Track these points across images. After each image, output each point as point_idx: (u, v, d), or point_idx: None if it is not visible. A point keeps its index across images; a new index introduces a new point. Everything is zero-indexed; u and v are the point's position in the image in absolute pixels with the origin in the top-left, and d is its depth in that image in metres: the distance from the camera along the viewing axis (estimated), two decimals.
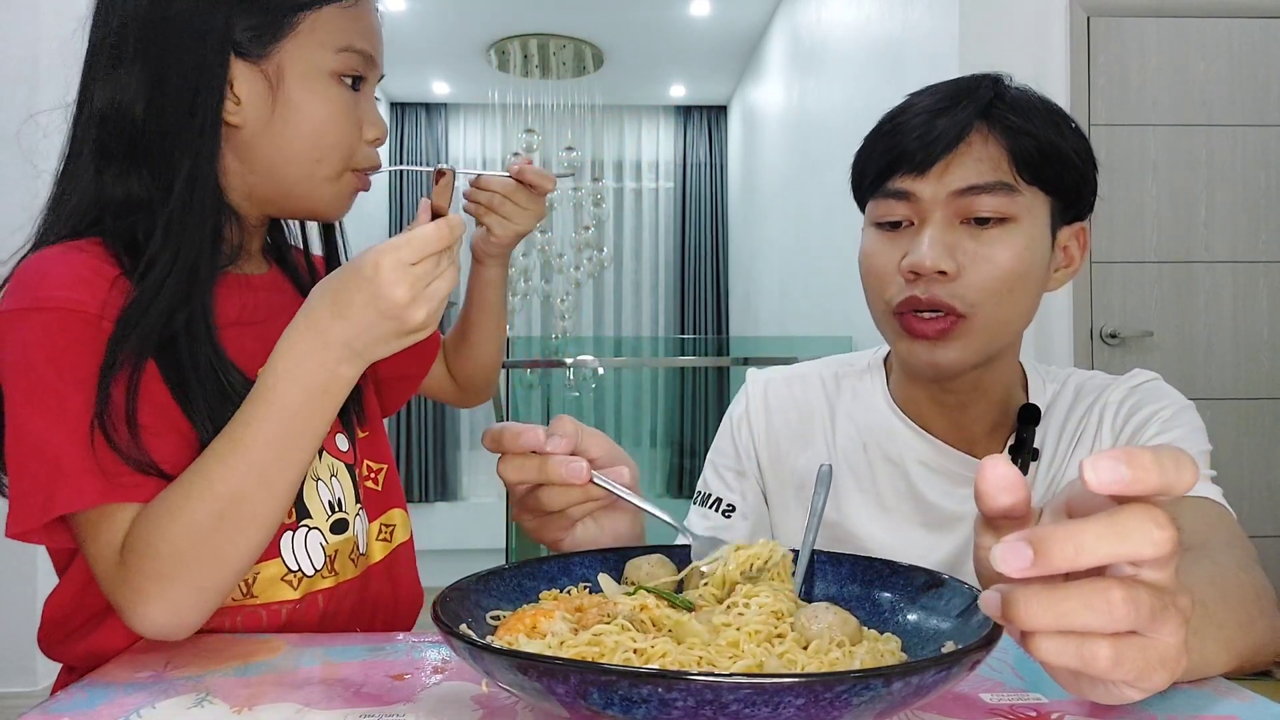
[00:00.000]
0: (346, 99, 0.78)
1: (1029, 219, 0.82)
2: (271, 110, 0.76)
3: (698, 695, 0.39)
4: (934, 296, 0.81)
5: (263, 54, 0.75)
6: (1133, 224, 2.70)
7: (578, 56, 5.46)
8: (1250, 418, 2.70)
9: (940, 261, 0.80)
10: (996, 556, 0.38)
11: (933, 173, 0.81)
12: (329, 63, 0.77)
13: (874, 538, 0.93)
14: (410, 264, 0.62)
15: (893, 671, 0.40)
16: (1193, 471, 0.38)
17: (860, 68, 3.49)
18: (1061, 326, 2.64)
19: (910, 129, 0.82)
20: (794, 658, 0.50)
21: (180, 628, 0.65)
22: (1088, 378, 0.96)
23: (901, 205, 0.83)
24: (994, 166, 0.80)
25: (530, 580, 0.62)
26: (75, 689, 0.60)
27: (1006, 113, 0.81)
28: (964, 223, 0.81)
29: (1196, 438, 0.86)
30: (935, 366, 0.83)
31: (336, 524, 0.83)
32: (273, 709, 0.55)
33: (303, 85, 0.76)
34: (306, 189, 0.79)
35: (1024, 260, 0.81)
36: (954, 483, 0.92)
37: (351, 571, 0.84)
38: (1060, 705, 0.55)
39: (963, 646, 0.45)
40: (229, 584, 0.66)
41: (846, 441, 0.97)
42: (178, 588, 0.63)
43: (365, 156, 0.81)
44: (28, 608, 2.65)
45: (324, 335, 0.64)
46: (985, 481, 0.44)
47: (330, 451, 0.85)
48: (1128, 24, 2.69)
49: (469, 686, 0.59)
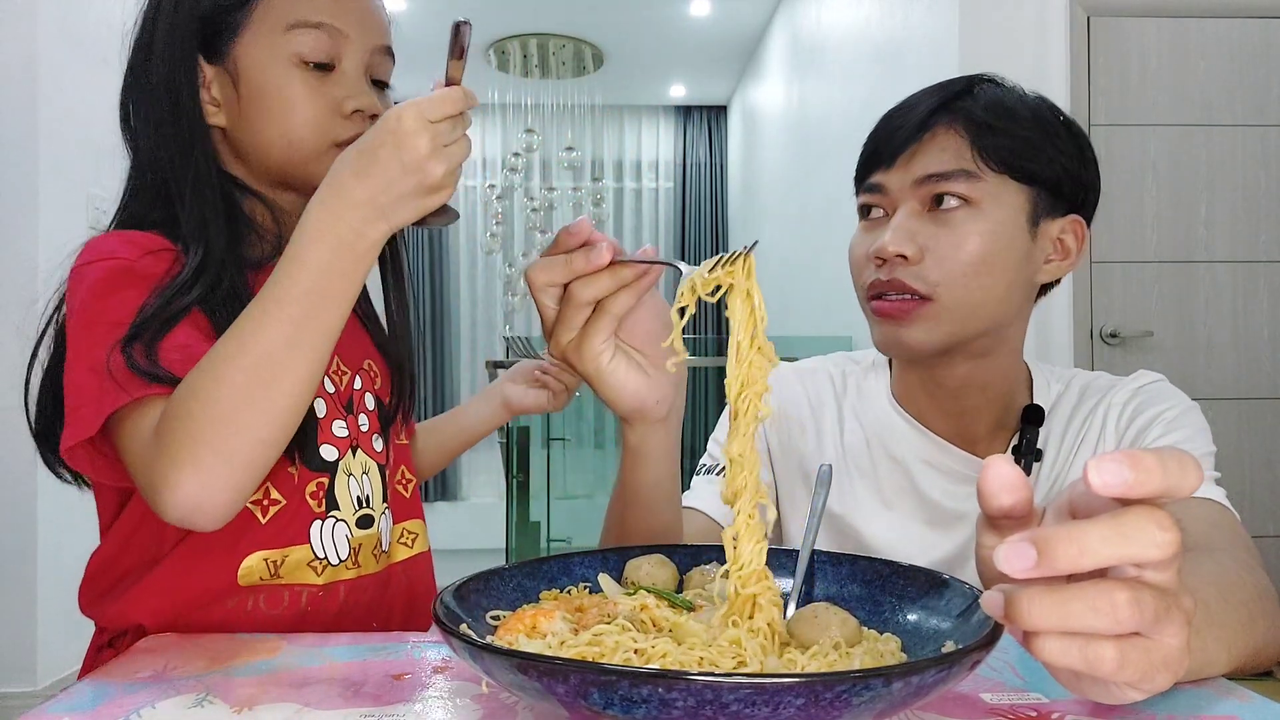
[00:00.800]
0: (308, 81, 0.80)
1: (993, 205, 0.84)
2: (239, 105, 0.81)
3: (698, 695, 0.39)
4: (895, 279, 0.84)
5: (225, 52, 0.80)
6: (1133, 224, 2.70)
7: (578, 56, 5.47)
8: (1251, 418, 2.70)
9: (901, 246, 0.83)
10: (1000, 556, 0.38)
11: (899, 164, 0.85)
12: (283, 45, 0.79)
13: (877, 534, 0.93)
14: (431, 120, 0.63)
15: (893, 671, 0.40)
16: (1196, 474, 0.38)
17: (860, 68, 3.49)
18: (1062, 326, 2.64)
19: (880, 128, 0.88)
20: (794, 658, 0.50)
21: (210, 506, 0.65)
22: (1092, 378, 0.96)
23: (875, 197, 0.88)
24: (956, 155, 0.84)
25: (530, 580, 0.62)
26: (75, 689, 0.60)
27: (971, 106, 0.84)
28: (930, 210, 0.85)
29: (1200, 439, 0.86)
30: (901, 346, 0.86)
31: (362, 519, 0.86)
32: (273, 709, 0.55)
33: (262, 74, 0.80)
34: (298, 170, 0.82)
35: (988, 244, 0.83)
36: (956, 481, 0.92)
37: (374, 566, 0.87)
38: (1061, 705, 0.55)
39: (963, 646, 0.45)
40: (260, 461, 0.67)
41: (852, 437, 0.97)
42: (209, 454, 0.64)
43: (346, 128, 0.81)
44: (28, 608, 2.65)
45: (349, 196, 0.64)
46: (987, 481, 0.44)
47: (365, 450, 0.88)
48: (1128, 24, 2.69)
49: (469, 687, 0.59)
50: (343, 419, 0.87)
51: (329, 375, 0.87)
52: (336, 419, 0.86)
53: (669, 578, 0.63)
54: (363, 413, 0.90)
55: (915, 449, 0.94)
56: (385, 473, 0.90)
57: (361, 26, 0.82)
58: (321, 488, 0.83)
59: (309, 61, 0.80)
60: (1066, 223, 0.88)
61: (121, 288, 0.73)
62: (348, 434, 0.87)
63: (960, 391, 0.90)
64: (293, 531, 0.82)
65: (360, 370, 0.92)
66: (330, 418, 0.85)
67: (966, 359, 0.88)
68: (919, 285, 0.83)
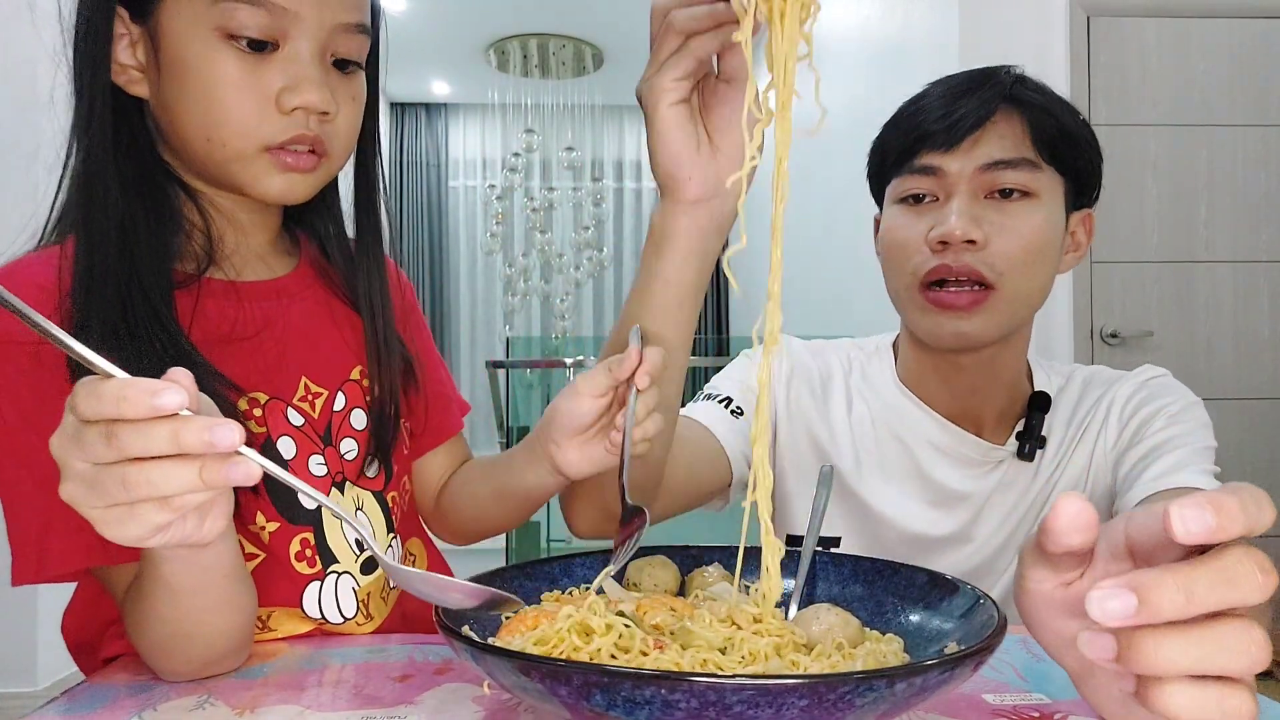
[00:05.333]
0: (238, 63, 0.65)
1: (1048, 196, 0.85)
2: (159, 78, 0.66)
3: (701, 696, 0.39)
4: (964, 264, 0.83)
5: (147, 10, 0.65)
6: (1133, 224, 2.70)
7: (578, 56, 5.46)
8: (1251, 417, 2.70)
9: (969, 230, 0.83)
10: (1094, 600, 0.35)
11: (961, 148, 0.84)
12: (208, 15, 0.64)
13: (883, 510, 0.94)
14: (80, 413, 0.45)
15: (896, 672, 0.40)
16: (1271, 510, 0.36)
17: (861, 68, 3.49)
18: (1062, 326, 2.64)
19: (933, 110, 0.85)
20: (796, 659, 0.50)
21: (198, 674, 0.62)
22: (1094, 371, 0.98)
23: (927, 180, 0.86)
24: (1017, 143, 0.84)
25: (531, 581, 0.62)
26: (76, 691, 0.60)
27: (1029, 94, 0.85)
28: (988, 197, 0.85)
29: (1202, 434, 0.87)
30: (962, 337, 0.86)
31: (366, 564, 0.75)
32: (275, 711, 0.55)
33: (183, 45, 0.64)
34: (220, 171, 0.68)
35: (1043, 235, 0.84)
36: (959, 462, 0.93)
37: (384, 612, 0.77)
38: (1063, 706, 0.55)
39: (966, 648, 0.44)
40: (225, 653, 0.62)
41: (859, 415, 0.98)
42: (174, 664, 0.61)
43: (282, 129, 0.66)
44: (28, 608, 2.64)
45: None
46: (1059, 518, 0.40)
47: (354, 481, 0.76)
48: (1128, 24, 2.69)
49: (471, 688, 0.59)
50: (319, 453, 0.73)
51: (293, 406, 0.72)
52: (313, 454, 0.72)
53: (670, 579, 0.63)
54: (348, 437, 0.75)
55: (922, 431, 0.95)
56: (383, 499, 0.78)
57: (303, 7, 0.65)
58: (307, 544, 0.71)
59: (239, 36, 0.64)
60: (1082, 215, 0.91)
61: (34, 392, 0.60)
62: (327, 471, 0.73)
63: (976, 377, 0.91)
64: (277, 592, 0.70)
65: (345, 384, 0.77)
66: (304, 455, 0.72)
67: (995, 347, 0.89)
68: (987, 272, 0.83)
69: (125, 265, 0.63)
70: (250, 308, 0.72)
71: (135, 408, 0.40)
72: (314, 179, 0.70)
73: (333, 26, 0.67)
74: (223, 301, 0.71)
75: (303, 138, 0.67)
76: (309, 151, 0.68)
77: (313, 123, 0.68)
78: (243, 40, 0.64)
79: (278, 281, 0.76)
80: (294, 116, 0.66)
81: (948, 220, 0.83)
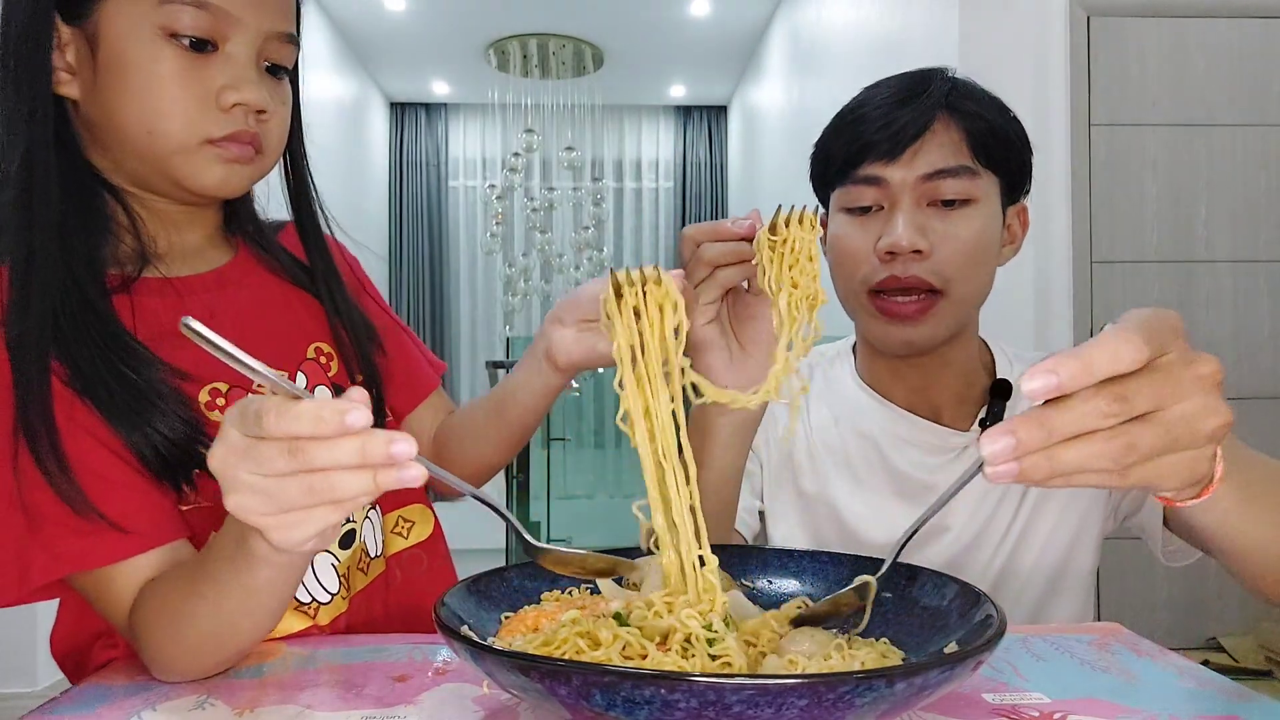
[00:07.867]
0: (181, 61, 0.67)
1: (986, 199, 0.88)
2: (94, 75, 0.68)
3: (700, 696, 0.39)
4: (912, 274, 0.85)
5: (86, 13, 0.67)
6: (1133, 224, 2.70)
7: (578, 56, 5.47)
8: (1251, 417, 2.70)
9: (916, 241, 0.84)
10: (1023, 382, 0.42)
11: (902, 159, 0.86)
12: (153, 15, 0.66)
13: (851, 509, 0.95)
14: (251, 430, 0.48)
15: (895, 672, 0.40)
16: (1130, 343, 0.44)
17: (860, 68, 3.49)
18: (1062, 326, 2.64)
19: (874, 119, 0.87)
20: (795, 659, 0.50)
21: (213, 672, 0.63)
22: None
23: (871, 190, 0.88)
24: (956, 151, 0.86)
25: (531, 581, 0.62)
26: (76, 691, 0.60)
27: (963, 100, 0.87)
28: (930, 205, 0.87)
29: None
30: (910, 344, 0.89)
31: (345, 537, 0.77)
32: (274, 711, 0.55)
33: (125, 44, 0.67)
34: (159, 166, 0.70)
35: (984, 237, 0.87)
36: (924, 452, 0.95)
37: (363, 581, 0.79)
38: (1063, 705, 0.55)
39: (965, 647, 0.44)
40: (248, 652, 0.64)
41: (820, 421, 1.00)
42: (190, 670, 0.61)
43: (222, 125, 0.69)
44: (27, 609, 2.63)
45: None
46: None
47: None
48: (1128, 24, 2.69)
49: (470, 688, 0.59)
50: None
51: (254, 391, 0.73)
52: None
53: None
54: None
55: (883, 424, 0.96)
56: None
57: (257, 7, 0.69)
58: None
59: (182, 36, 0.67)
60: (1017, 209, 0.94)
61: None
62: None
63: (928, 371, 0.94)
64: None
65: (303, 364, 0.79)
66: None
67: (945, 342, 0.91)
68: (934, 280, 0.85)
69: (64, 270, 0.65)
70: (192, 301, 0.74)
71: (329, 427, 0.44)
72: (251, 171, 0.74)
73: (269, 34, 0.71)
74: (161, 299, 0.72)
75: (242, 133, 0.71)
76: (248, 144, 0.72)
77: (251, 120, 0.71)
78: (185, 39, 0.67)
79: (217, 272, 0.78)
80: (233, 114, 0.70)
81: (894, 231, 0.85)
